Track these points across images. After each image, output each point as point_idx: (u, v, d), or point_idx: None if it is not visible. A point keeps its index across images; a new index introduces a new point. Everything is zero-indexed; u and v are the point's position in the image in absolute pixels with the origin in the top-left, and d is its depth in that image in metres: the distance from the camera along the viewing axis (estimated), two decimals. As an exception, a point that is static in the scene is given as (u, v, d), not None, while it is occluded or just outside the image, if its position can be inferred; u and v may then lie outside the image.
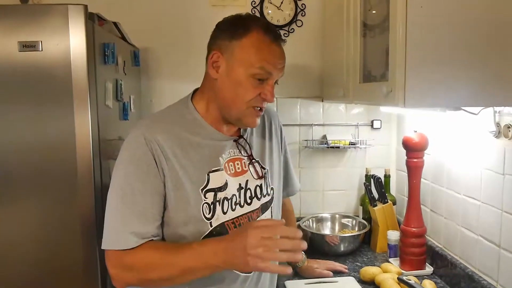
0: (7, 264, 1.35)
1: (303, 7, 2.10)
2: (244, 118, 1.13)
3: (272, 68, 1.10)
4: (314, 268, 1.65)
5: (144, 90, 2.07)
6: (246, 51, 1.08)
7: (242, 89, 1.09)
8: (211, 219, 1.12)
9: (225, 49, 1.10)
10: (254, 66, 1.08)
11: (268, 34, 1.09)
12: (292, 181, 1.47)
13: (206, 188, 1.12)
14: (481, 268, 1.45)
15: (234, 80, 1.09)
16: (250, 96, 1.10)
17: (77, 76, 1.29)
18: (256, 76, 1.09)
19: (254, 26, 1.09)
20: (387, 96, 1.18)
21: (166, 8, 2.06)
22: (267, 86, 1.11)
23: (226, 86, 1.11)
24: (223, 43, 1.10)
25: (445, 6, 1.11)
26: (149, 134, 1.08)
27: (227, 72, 1.10)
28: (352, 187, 2.21)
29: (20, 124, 1.31)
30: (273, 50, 1.10)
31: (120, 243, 1.04)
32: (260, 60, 1.08)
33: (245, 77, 1.09)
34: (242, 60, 1.08)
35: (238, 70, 1.09)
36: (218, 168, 1.14)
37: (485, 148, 1.41)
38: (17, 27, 1.28)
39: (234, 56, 1.09)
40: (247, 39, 1.08)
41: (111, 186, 1.09)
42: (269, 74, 1.10)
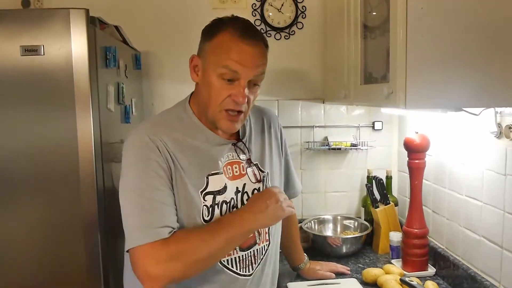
0: (10, 266, 1.36)
1: (303, 10, 2.10)
2: (218, 121, 1.12)
3: (239, 67, 1.05)
4: (316, 270, 1.64)
5: (145, 93, 2.08)
6: (214, 51, 1.07)
7: (213, 91, 1.08)
8: (209, 222, 1.12)
9: (201, 52, 1.11)
10: (220, 65, 1.06)
11: (237, 32, 1.06)
12: (294, 183, 1.47)
13: (206, 190, 1.12)
14: (483, 269, 1.45)
15: (207, 82, 1.09)
16: (220, 98, 1.08)
17: (79, 79, 1.30)
18: (223, 76, 1.06)
19: (226, 26, 1.08)
20: (388, 98, 1.18)
21: (167, 11, 2.06)
22: (237, 86, 1.07)
23: (202, 89, 1.12)
24: (200, 46, 1.12)
25: (445, 7, 1.11)
26: (153, 135, 1.08)
27: (202, 75, 1.11)
28: (354, 189, 2.21)
29: (23, 128, 1.32)
30: (241, 48, 1.06)
31: (155, 235, 1.01)
32: (225, 59, 1.05)
33: (214, 78, 1.07)
34: (211, 61, 1.08)
35: (209, 71, 1.08)
36: (217, 171, 1.15)
37: (487, 149, 1.41)
38: (19, 32, 1.29)
39: (206, 57, 1.09)
40: (216, 39, 1.08)
41: (123, 188, 1.07)
42: (236, 74, 1.06)
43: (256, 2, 2.08)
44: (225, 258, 1.15)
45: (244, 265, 1.19)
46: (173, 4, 2.06)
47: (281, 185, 1.34)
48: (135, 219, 1.04)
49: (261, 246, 1.23)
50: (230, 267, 1.16)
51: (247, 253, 1.19)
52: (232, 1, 2.07)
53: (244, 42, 1.06)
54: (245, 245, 1.19)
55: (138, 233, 1.02)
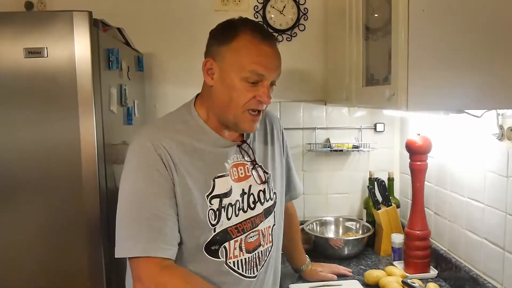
0: (12, 268, 1.36)
1: (305, 11, 2.11)
2: (240, 123, 1.12)
3: (264, 70, 1.08)
4: (318, 272, 1.64)
5: (148, 95, 2.08)
6: (236, 55, 1.08)
7: (236, 93, 1.09)
8: (216, 225, 1.12)
9: (217, 55, 1.11)
10: (245, 70, 1.07)
11: (256, 35, 1.08)
12: (295, 184, 1.47)
13: (212, 194, 1.12)
14: (485, 271, 1.45)
15: (228, 85, 1.09)
16: (244, 100, 1.09)
17: (82, 81, 1.31)
18: (248, 80, 1.08)
19: (241, 28, 1.08)
20: (390, 100, 1.19)
21: (169, 13, 2.07)
22: (261, 87, 1.10)
23: (221, 92, 1.11)
24: (214, 49, 1.11)
25: (447, 9, 1.12)
26: (156, 140, 1.08)
27: (221, 78, 1.10)
28: (355, 190, 2.21)
29: (26, 129, 1.32)
30: (263, 50, 1.08)
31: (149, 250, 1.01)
32: (250, 63, 1.07)
33: (238, 81, 1.08)
34: (233, 65, 1.08)
35: (230, 75, 1.08)
36: (223, 173, 1.15)
37: (489, 151, 1.41)
38: (22, 34, 1.30)
39: (225, 61, 1.09)
40: (236, 43, 1.08)
41: (122, 195, 1.08)
42: (261, 76, 1.09)
43: (258, 4, 2.09)
44: (231, 260, 1.15)
45: (249, 267, 1.19)
46: (175, 6, 2.07)
47: (282, 187, 1.34)
48: (127, 228, 1.05)
49: (265, 247, 1.23)
50: (236, 269, 1.16)
51: (252, 255, 1.19)
52: (234, 3, 2.08)
53: (266, 44, 1.09)
54: (251, 247, 1.19)
55: (127, 244, 1.04)
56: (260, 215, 1.22)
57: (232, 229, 1.15)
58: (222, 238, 1.13)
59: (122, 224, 1.06)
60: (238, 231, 1.16)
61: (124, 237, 1.05)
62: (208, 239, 1.11)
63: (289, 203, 1.51)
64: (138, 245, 1.02)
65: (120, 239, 1.06)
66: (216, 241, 1.12)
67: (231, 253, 1.15)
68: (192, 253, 1.12)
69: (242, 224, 1.17)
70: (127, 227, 1.05)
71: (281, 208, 1.32)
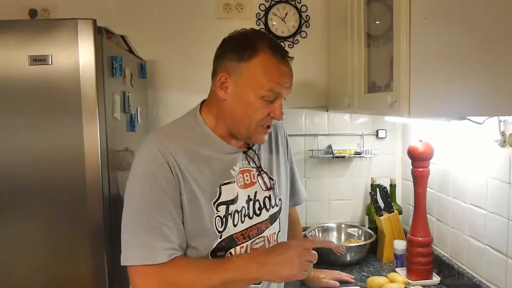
0: (16, 274, 1.36)
1: (307, 19, 2.12)
2: (253, 136, 1.14)
3: (281, 89, 1.09)
4: (320, 278, 1.64)
5: (150, 102, 2.09)
6: (255, 73, 1.07)
7: (251, 110, 1.09)
8: (222, 232, 1.12)
9: (233, 71, 1.09)
10: (264, 89, 1.07)
11: (276, 55, 1.08)
12: (299, 190, 1.47)
13: (218, 201, 1.12)
14: (488, 277, 1.44)
15: (244, 102, 1.09)
16: (259, 117, 1.10)
17: (86, 88, 1.32)
18: (265, 98, 1.08)
19: (261, 46, 1.08)
20: (392, 106, 1.19)
21: (172, 21, 2.09)
22: (276, 105, 1.11)
23: (235, 107, 1.11)
24: (231, 64, 1.09)
25: (449, 17, 1.12)
26: (163, 147, 1.07)
27: (236, 94, 1.10)
28: (357, 197, 2.21)
29: (30, 136, 1.33)
30: (281, 70, 1.09)
31: (153, 259, 1.02)
32: (269, 82, 1.07)
33: (254, 99, 1.08)
34: (251, 82, 1.08)
35: (248, 92, 1.08)
36: (230, 180, 1.15)
37: (491, 157, 1.41)
38: (27, 41, 1.31)
39: (243, 78, 1.08)
40: (256, 61, 1.07)
41: (128, 202, 1.07)
42: (278, 95, 1.10)
43: (260, 11, 2.10)
44: None
45: None
46: (178, 13, 2.09)
47: (287, 193, 1.35)
48: (134, 235, 1.04)
49: None
50: None
51: None
52: (236, 11, 2.09)
53: (283, 64, 1.09)
54: None
55: (136, 252, 1.03)
56: (265, 221, 1.22)
57: (238, 236, 1.15)
58: (228, 245, 1.13)
59: (129, 232, 1.05)
60: (244, 237, 1.16)
61: (132, 245, 1.04)
62: (214, 245, 1.11)
63: (292, 209, 1.51)
64: (147, 253, 1.02)
65: (126, 247, 1.05)
66: (222, 248, 1.12)
67: None
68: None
69: (248, 230, 1.17)
70: (134, 235, 1.04)
71: (285, 214, 1.32)
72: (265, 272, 1.05)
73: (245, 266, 1.05)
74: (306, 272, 1.07)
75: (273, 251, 1.08)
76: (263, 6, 2.10)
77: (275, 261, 1.04)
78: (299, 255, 1.05)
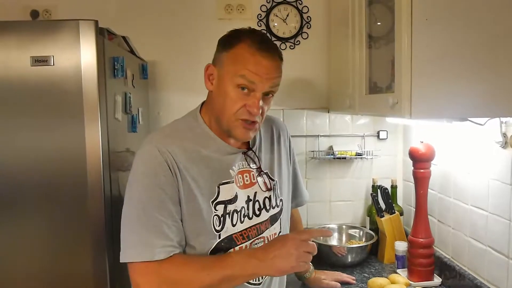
0: (17, 274, 1.36)
1: (308, 20, 2.13)
2: (232, 129, 1.12)
3: (256, 78, 1.07)
4: (321, 279, 1.64)
5: (152, 103, 2.09)
6: (232, 61, 1.09)
7: (228, 100, 1.09)
8: (220, 232, 1.13)
9: (217, 61, 1.12)
10: (237, 75, 1.07)
11: (255, 44, 1.08)
12: (301, 191, 1.47)
13: (217, 200, 1.13)
14: (490, 279, 1.44)
15: (223, 91, 1.10)
16: (235, 108, 1.09)
17: (88, 89, 1.32)
18: (239, 85, 1.08)
19: (243, 37, 1.09)
20: (394, 108, 1.19)
21: (173, 22, 2.09)
22: (252, 98, 1.09)
23: (217, 98, 1.12)
24: (216, 55, 1.13)
25: (450, 18, 1.13)
26: (162, 146, 1.09)
27: (218, 83, 1.12)
28: (359, 198, 2.21)
29: (32, 137, 1.33)
30: (258, 60, 1.07)
31: (151, 255, 1.03)
32: (242, 69, 1.07)
33: (231, 88, 1.08)
34: (228, 70, 1.09)
35: (225, 81, 1.09)
36: (228, 180, 1.15)
37: (492, 159, 1.41)
38: (29, 42, 1.31)
39: (223, 67, 1.10)
40: (234, 49, 1.09)
41: (128, 200, 1.08)
42: (252, 84, 1.07)
43: (261, 12, 2.11)
44: None
45: None
46: (179, 14, 2.09)
47: (289, 194, 1.35)
48: (134, 233, 1.06)
49: None
50: None
51: None
52: (237, 12, 2.10)
53: (261, 55, 1.08)
54: None
55: (135, 249, 1.04)
56: (265, 222, 1.22)
57: (237, 236, 1.15)
58: (227, 245, 1.13)
59: (128, 230, 1.07)
60: (243, 237, 1.16)
61: (131, 242, 1.06)
62: (213, 245, 1.11)
63: (294, 210, 1.51)
64: (146, 250, 1.03)
65: (126, 245, 1.06)
66: (221, 248, 1.13)
67: None
68: None
69: (247, 230, 1.18)
70: (134, 233, 1.06)
71: (287, 215, 1.32)
72: (264, 267, 1.05)
73: (244, 262, 1.05)
74: (306, 263, 1.07)
75: (270, 245, 1.08)
76: (264, 7, 2.11)
77: (273, 255, 1.04)
78: (297, 247, 1.05)
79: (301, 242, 1.06)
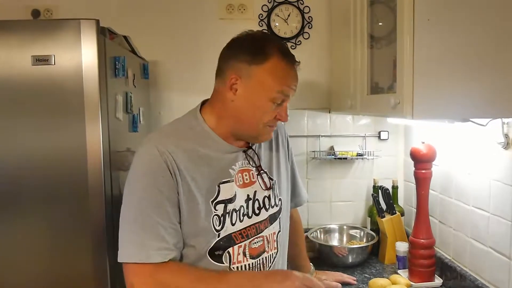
0: (18, 274, 1.36)
1: (310, 20, 2.12)
2: (260, 136, 1.17)
3: (289, 91, 1.13)
4: (322, 280, 1.62)
5: (152, 102, 2.09)
6: (266, 76, 1.10)
7: (260, 112, 1.12)
8: (220, 231, 1.13)
9: (244, 73, 1.10)
10: (274, 91, 1.10)
11: (286, 59, 1.12)
12: (300, 191, 1.47)
13: (216, 200, 1.13)
14: (491, 280, 1.44)
15: (253, 104, 1.12)
16: (268, 118, 1.13)
17: (89, 89, 1.31)
18: (275, 100, 1.11)
19: (273, 50, 1.10)
20: (395, 108, 1.19)
21: (175, 21, 2.09)
22: (283, 107, 1.14)
23: (244, 108, 1.12)
24: (242, 66, 1.10)
25: (452, 18, 1.12)
26: (162, 146, 1.08)
27: (246, 96, 1.11)
28: (360, 198, 2.21)
29: (33, 136, 1.33)
30: (291, 74, 1.13)
31: (147, 257, 1.03)
32: (279, 85, 1.10)
33: (264, 101, 1.11)
34: (263, 85, 1.10)
35: (258, 94, 1.11)
36: (229, 179, 1.16)
37: (494, 160, 1.41)
38: (30, 42, 1.31)
39: (254, 80, 1.10)
40: (268, 64, 1.10)
41: (126, 200, 1.09)
42: (286, 97, 1.13)
43: (262, 12, 2.10)
44: (235, 265, 1.15)
45: None
46: (180, 14, 2.09)
47: (288, 194, 1.35)
48: (130, 233, 1.06)
49: (269, 254, 1.23)
50: None
51: (256, 261, 1.20)
52: (239, 12, 2.09)
53: (292, 68, 1.13)
54: (255, 252, 1.20)
55: (131, 249, 1.05)
56: (265, 221, 1.22)
57: (236, 235, 1.16)
58: (225, 244, 1.14)
59: (125, 230, 1.08)
60: (242, 236, 1.16)
61: (128, 243, 1.07)
62: (212, 244, 1.12)
63: (293, 210, 1.51)
64: (142, 252, 1.04)
65: (122, 245, 1.07)
66: (220, 246, 1.13)
67: (235, 259, 1.16)
68: (196, 258, 1.12)
69: (246, 229, 1.18)
70: (130, 233, 1.06)
71: (286, 215, 1.33)
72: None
73: (239, 285, 1.06)
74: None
75: (271, 275, 1.09)
76: (265, 7, 2.10)
77: (270, 286, 1.05)
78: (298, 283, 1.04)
79: (303, 286, 1.05)
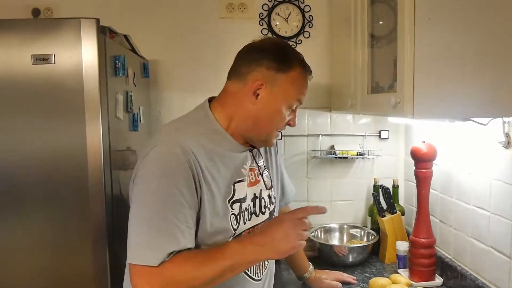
0: (18, 274, 1.36)
1: (310, 19, 2.12)
2: (269, 140, 1.20)
3: (303, 99, 1.20)
4: (322, 279, 1.64)
5: (153, 102, 2.09)
6: (290, 85, 1.15)
7: (278, 117, 1.16)
8: (236, 230, 1.13)
9: (270, 80, 1.12)
10: (294, 99, 1.16)
11: (305, 70, 1.19)
12: (288, 188, 1.50)
13: (233, 199, 1.12)
14: (491, 279, 1.44)
15: (274, 109, 1.14)
16: (282, 124, 1.18)
17: (89, 88, 1.31)
18: (292, 107, 1.17)
19: (296, 60, 1.17)
20: (396, 107, 1.19)
21: (175, 20, 2.09)
22: (294, 114, 1.20)
23: (263, 113, 1.14)
24: (269, 73, 1.13)
25: (453, 17, 1.12)
26: (185, 145, 1.04)
27: (268, 101, 1.13)
28: (360, 198, 2.21)
29: (33, 135, 1.33)
30: (306, 83, 1.20)
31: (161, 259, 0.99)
32: (299, 94, 1.17)
33: (284, 107, 1.15)
34: (285, 92, 1.14)
35: (279, 101, 1.14)
36: (242, 178, 1.16)
37: (495, 159, 1.41)
38: (30, 41, 1.31)
39: (278, 87, 1.13)
40: (292, 73, 1.15)
41: (141, 198, 1.03)
42: (301, 104, 1.20)
43: (263, 11, 2.10)
44: None
45: (257, 270, 1.21)
46: (180, 13, 2.09)
47: (278, 192, 1.38)
48: (146, 234, 1.01)
49: None
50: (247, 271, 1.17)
51: None
52: (239, 11, 2.09)
53: (309, 78, 1.21)
54: None
55: (146, 252, 1.00)
56: (267, 219, 1.25)
57: (245, 233, 1.17)
58: None
59: (139, 230, 1.02)
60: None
61: (142, 245, 1.01)
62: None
63: (286, 208, 1.51)
64: (156, 255, 0.99)
65: (137, 246, 1.02)
66: None
67: None
68: None
69: (254, 228, 1.19)
70: (145, 234, 1.01)
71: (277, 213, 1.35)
72: (264, 252, 1.05)
73: (243, 250, 1.03)
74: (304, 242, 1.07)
75: (267, 229, 1.07)
76: (266, 6, 2.10)
77: (271, 238, 1.04)
78: (294, 227, 1.05)
79: (297, 221, 1.06)
